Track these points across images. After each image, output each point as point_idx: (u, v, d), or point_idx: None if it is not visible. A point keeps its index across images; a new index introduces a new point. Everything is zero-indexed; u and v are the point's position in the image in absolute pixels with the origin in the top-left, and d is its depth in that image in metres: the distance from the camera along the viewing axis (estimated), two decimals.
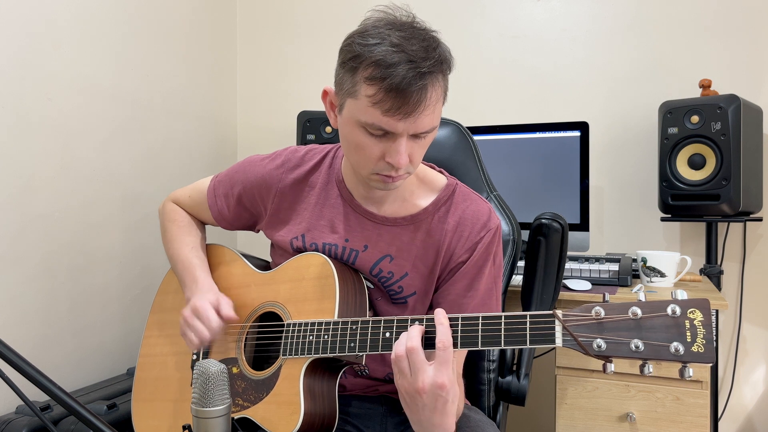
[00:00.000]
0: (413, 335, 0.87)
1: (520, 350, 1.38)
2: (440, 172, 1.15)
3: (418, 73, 0.88)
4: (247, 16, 2.45)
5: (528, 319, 0.83)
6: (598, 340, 0.78)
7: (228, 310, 1.08)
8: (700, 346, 0.73)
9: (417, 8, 0.99)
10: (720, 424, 1.91)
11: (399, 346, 0.87)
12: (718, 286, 1.81)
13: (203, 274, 1.18)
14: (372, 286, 1.11)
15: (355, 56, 0.91)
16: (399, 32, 0.90)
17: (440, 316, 0.88)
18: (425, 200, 1.10)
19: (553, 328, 0.81)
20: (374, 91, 0.89)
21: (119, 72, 1.82)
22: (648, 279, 1.63)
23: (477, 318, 0.87)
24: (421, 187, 1.11)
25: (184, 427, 0.76)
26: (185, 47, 2.12)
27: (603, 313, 0.79)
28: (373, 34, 0.91)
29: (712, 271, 1.81)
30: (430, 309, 1.10)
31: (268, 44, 2.44)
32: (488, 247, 1.07)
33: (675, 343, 0.74)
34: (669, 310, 0.76)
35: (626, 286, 1.63)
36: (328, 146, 1.18)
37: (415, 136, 0.94)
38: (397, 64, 0.87)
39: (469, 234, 1.07)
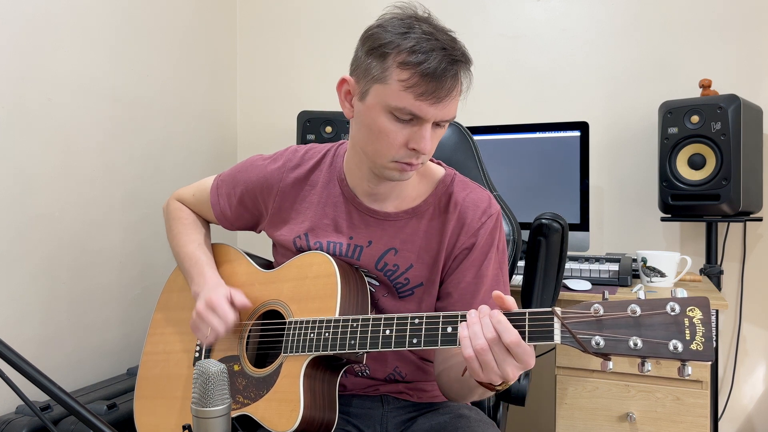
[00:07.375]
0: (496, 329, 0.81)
1: None
2: (438, 163, 1.16)
3: (452, 60, 0.92)
4: (247, 16, 2.46)
5: (527, 316, 0.83)
6: (597, 337, 0.78)
7: (241, 298, 1.10)
8: (699, 344, 0.73)
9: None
10: (720, 424, 1.91)
11: (477, 341, 0.81)
12: (718, 286, 1.81)
13: (210, 270, 1.18)
14: (378, 284, 1.11)
15: (386, 43, 0.93)
16: (425, 24, 0.94)
17: (503, 308, 0.85)
18: (425, 192, 1.11)
19: (552, 325, 0.81)
20: (408, 75, 0.91)
21: (119, 72, 1.82)
22: (648, 279, 1.63)
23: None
24: (422, 181, 1.12)
25: (184, 427, 0.76)
26: (185, 47, 2.12)
27: (602, 311, 0.79)
28: (400, 24, 0.94)
29: (712, 271, 1.81)
30: (438, 300, 1.11)
31: (268, 44, 2.44)
32: (491, 233, 1.08)
33: (674, 341, 0.74)
34: (668, 308, 0.76)
35: (626, 286, 1.63)
36: (329, 144, 1.18)
37: (436, 125, 0.97)
38: (432, 50, 0.91)
39: (470, 221, 1.08)
